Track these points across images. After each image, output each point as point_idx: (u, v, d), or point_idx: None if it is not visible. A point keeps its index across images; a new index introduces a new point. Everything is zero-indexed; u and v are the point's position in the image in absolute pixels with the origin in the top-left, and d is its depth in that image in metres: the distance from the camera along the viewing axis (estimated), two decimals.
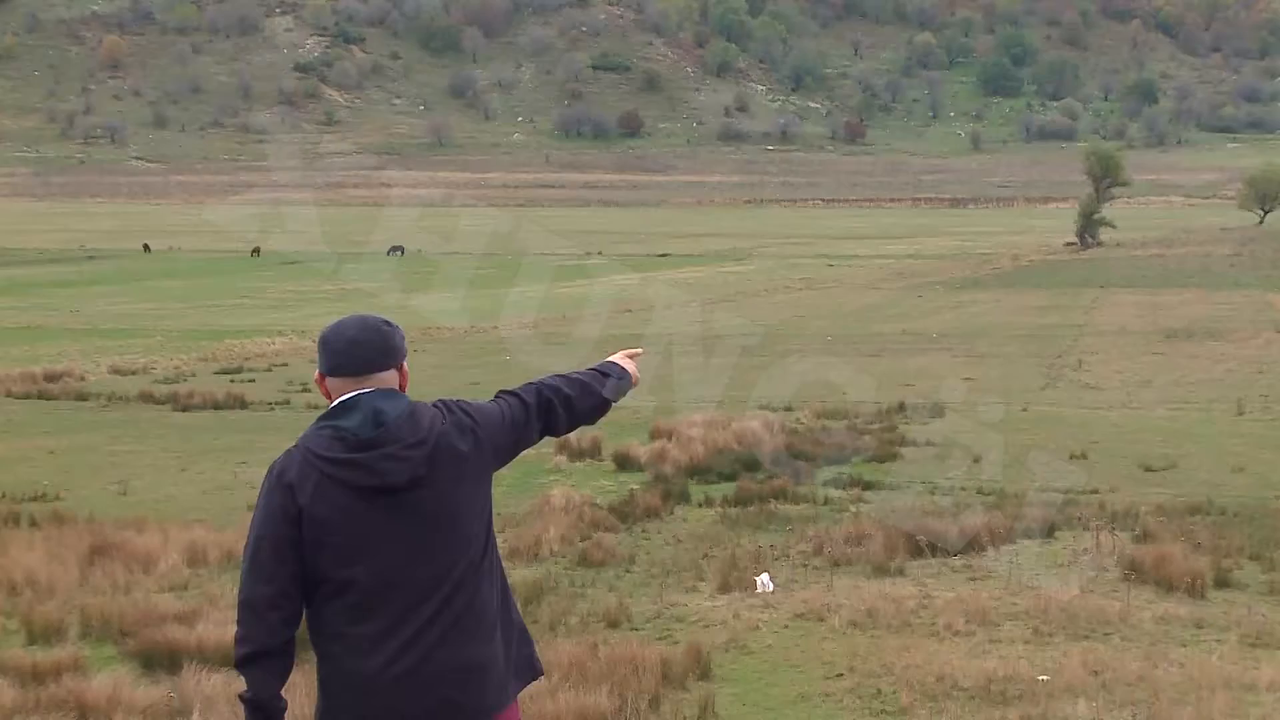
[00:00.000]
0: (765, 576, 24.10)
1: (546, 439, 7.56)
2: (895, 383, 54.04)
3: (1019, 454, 38.98)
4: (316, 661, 6.91)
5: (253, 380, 56.31)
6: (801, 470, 35.72)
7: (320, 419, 6.90)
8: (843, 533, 27.59)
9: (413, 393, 7.07)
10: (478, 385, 52.92)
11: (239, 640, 6.74)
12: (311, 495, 6.70)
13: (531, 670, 7.24)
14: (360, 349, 6.89)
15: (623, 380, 7.67)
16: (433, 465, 6.81)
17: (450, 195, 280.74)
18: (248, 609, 6.73)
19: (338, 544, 6.70)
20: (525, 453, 7.40)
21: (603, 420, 7.81)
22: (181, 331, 73.40)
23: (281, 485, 6.74)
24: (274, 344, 67.92)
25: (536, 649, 7.37)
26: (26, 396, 52.68)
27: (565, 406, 7.42)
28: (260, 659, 6.70)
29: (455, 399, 7.17)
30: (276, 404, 50.46)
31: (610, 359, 7.79)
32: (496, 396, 7.36)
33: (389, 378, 6.94)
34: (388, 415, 6.79)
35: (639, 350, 7.95)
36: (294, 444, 6.92)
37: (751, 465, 36.83)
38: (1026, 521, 28.37)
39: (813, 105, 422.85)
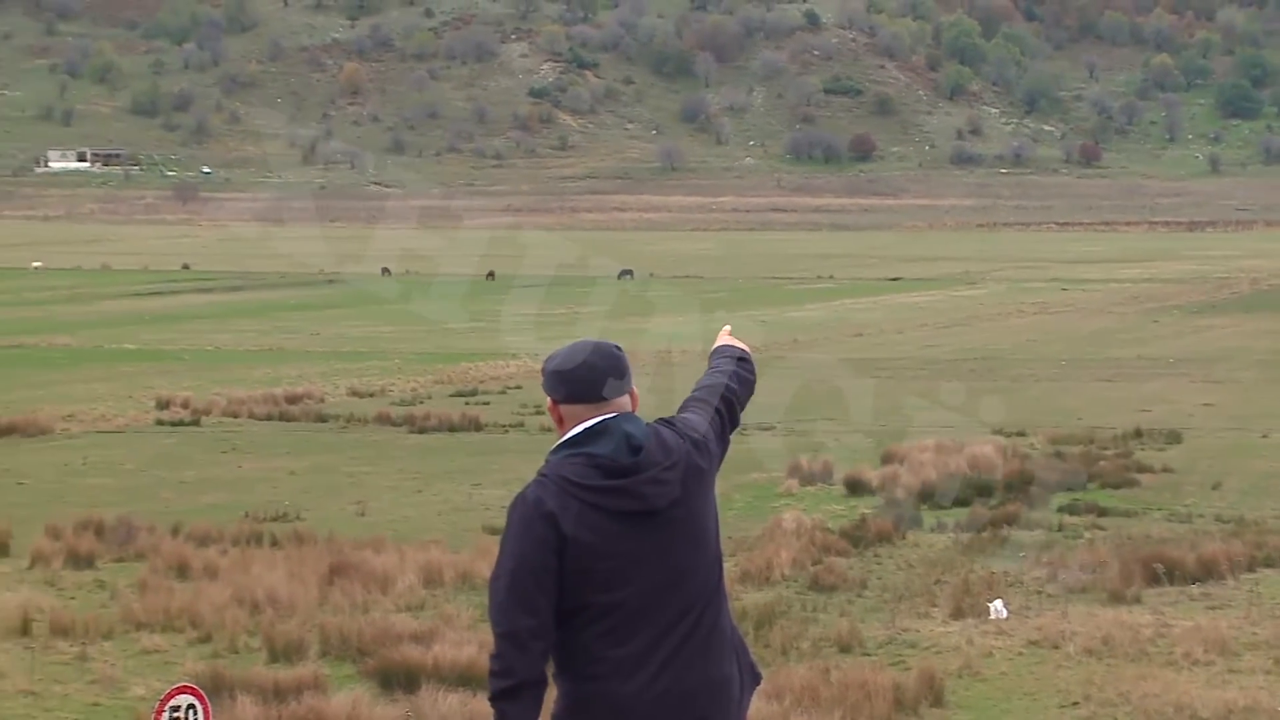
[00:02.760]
0: (999, 603, 23.91)
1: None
2: (1131, 408, 53.29)
3: (1258, 481, 38.30)
4: (565, 687, 6.90)
5: (487, 403, 56.86)
6: (1035, 496, 35.37)
7: (564, 446, 6.92)
8: (1077, 559, 27.29)
9: (642, 416, 7.15)
10: None
11: (499, 673, 6.73)
12: (575, 523, 6.70)
13: (755, 677, 7.29)
14: (599, 375, 6.93)
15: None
16: (685, 485, 6.88)
17: (681, 219, 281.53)
18: (509, 641, 6.72)
19: (603, 570, 6.71)
20: (756, 476, 7.46)
21: (834, 444, 7.84)
22: (418, 354, 74.35)
23: (541, 515, 6.73)
24: (508, 367, 68.53)
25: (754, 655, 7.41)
26: (268, 418, 53.66)
27: (739, 403, 7.49)
28: (522, 691, 6.71)
29: (668, 417, 7.23)
30: (510, 426, 50.89)
31: (721, 341, 7.83)
32: (689, 408, 7.37)
33: (624, 402, 6.99)
34: (639, 439, 6.83)
35: (728, 326, 8.03)
36: (541, 473, 6.92)
37: (984, 490, 36.55)
38: (1267, 550, 27.87)
39: (1047, 128, 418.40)
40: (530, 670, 6.71)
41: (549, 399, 7.06)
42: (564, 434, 6.98)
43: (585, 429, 6.89)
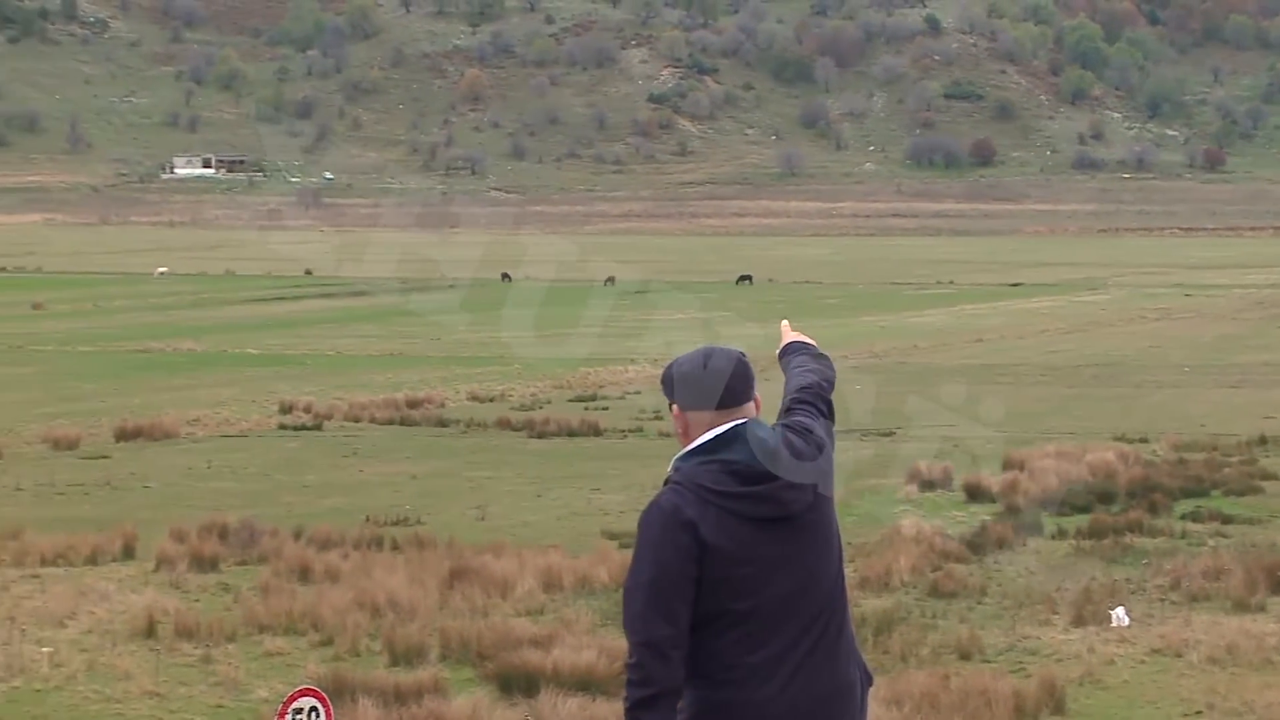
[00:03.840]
0: (1121, 610, 23.75)
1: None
2: (1256, 415, 52.72)
3: None
4: (695, 694, 6.85)
5: (606, 408, 56.97)
6: (1158, 503, 35.10)
7: (695, 453, 6.88)
8: (1201, 567, 27.06)
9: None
10: None
11: (640, 683, 6.71)
12: (714, 530, 6.68)
13: (868, 678, 7.29)
14: (731, 381, 6.93)
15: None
16: (816, 490, 6.89)
17: (800, 225, 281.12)
18: (650, 650, 6.70)
19: (740, 576, 6.71)
20: (875, 482, 7.48)
21: (953, 450, 7.83)
22: (537, 359, 74.62)
23: (680, 522, 6.71)
24: (627, 372, 68.66)
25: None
26: (389, 422, 53.99)
27: (831, 400, 7.49)
28: (660, 701, 6.70)
29: (785, 421, 7.22)
30: (629, 431, 50.98)
31: (789, 339, 7.79)
32: (795, 411, 7.33)
33: (750, 408, 6.99)
34: (772, 445, 6.84)
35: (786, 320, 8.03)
36: (674, 481, 6.88)
37: (1106, 497, 36.29)
38: None
39: (1170, 132, 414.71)
40: (670, 679, 6.69)
41: (674, 406, 7.03)
42: (690, 441, 6.96)
43: (716, 435, 6.87)
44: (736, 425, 6.88)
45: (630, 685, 6.74)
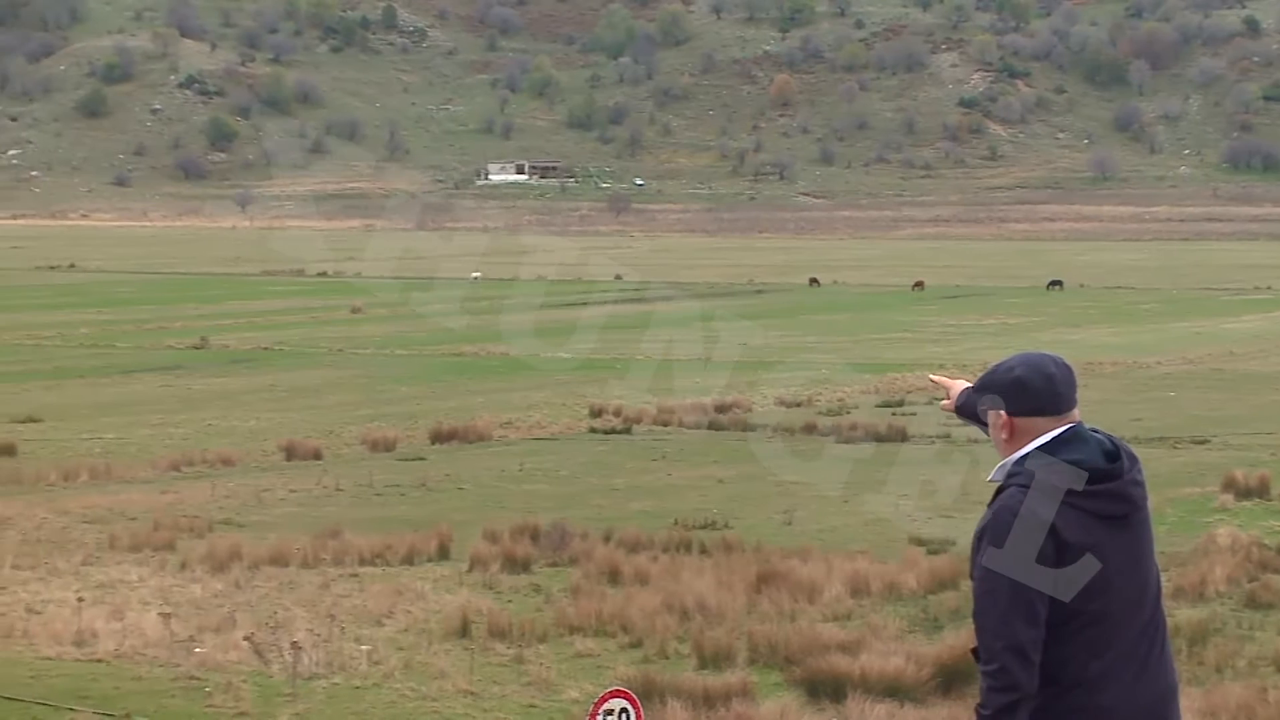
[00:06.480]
0: None
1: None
2: None
3: None
4: (1041, 699, 6.77)
5: (914, 414, 56.65)
6: None
7: (1033, 456, 6.86)
8: None
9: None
10: (1139, 421, 52.05)
11: (1002, 689, 6.65)
12: (1071, 530, 6.68)
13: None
14: (1065, 387, 6.93)
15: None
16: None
17: (1113, 229, 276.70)
18: (1015, 654, 6.65)
19: (1095, 576, 6.70)
20: (1188, 491, 7.44)
21: (1271, 459, 7.76)
22: (845, 365, 74.46)
23: (1038, 523, 6.70)
24: None
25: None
26: (697, 426, 54.31)
27: None
28: (1022, 706, 6.66)
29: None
30: (937, 437, 50.64)
31: (958, 384, 7.73)
32: None
33: (1078, 413, 6.98)
34: (1111, 444, 6.84)
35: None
36: (1020, 484, 6.84)
37: None
38: None
39: None
40: (1031, 684, 6.64)
41: (1000, 412, 7.00)
42: (1016, 446, 6.94)
43: (1054, 437, 6.85)
44: (1074, 426, 6.87)
45: (992, 692, 6.68)
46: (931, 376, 8.23)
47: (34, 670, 23.67)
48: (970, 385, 7.57)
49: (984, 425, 7.28)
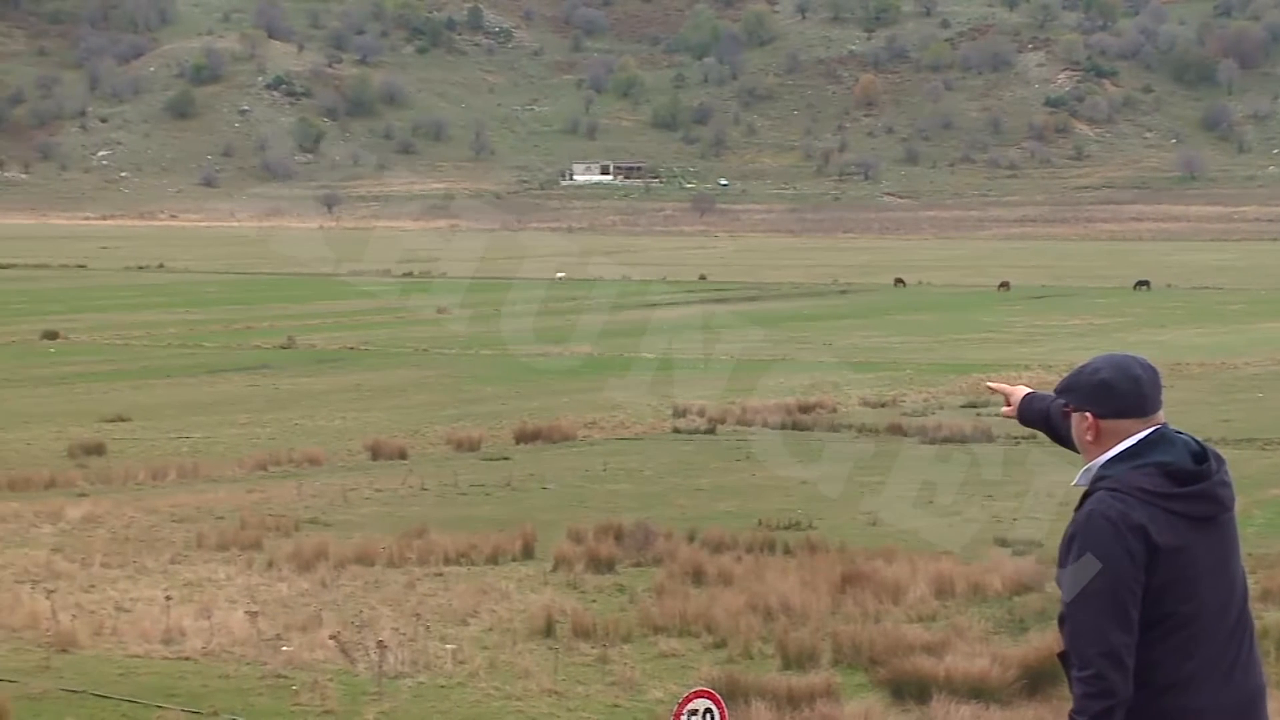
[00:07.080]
0: None
1: None
2: None
3: None
4: (1133, 703, 6.75)
5: (999, 414, 56.32)
6: None
7: (1120, 459, 6.84)
8: None
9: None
10: (1228, 422, 51.71)
11: (1099, 694, 6.65)
12: (1163, 533, 6.65)
13: None
14: (1151, 389, 6.90)
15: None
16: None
17: (1200, 229, 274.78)
18: (1111, 659, 6.65)
19: (1187, 578, 6.67)
20: (1276, 493, 7.39)
21: None
22: (930, 365, 74.21)
23: (1130, 527, 6.66)
24: (1020, 378, 67.92)
25: None
26: (781, 427, 54.25)
27: None
28: (1118, 711, 6.65)
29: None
30: (1022, 439, 50.34)
31: (1023, 390, 7.69)
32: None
33: (1163, 415, 6.96)
34: (1198, 445, 6.82)
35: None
36: (1108, 487, 6.83)
37: None
38: None
39: None
40: (1127, 689, 6.63)
41: (1087, 414, 6.97)
42: (1101, 449, 6.92)
43: (1141, 440, 6.83)
44: (1160, 428, 6.85)
45: (1088, 698, 6.65)
46: (989, 384, 8.23)
47: (123, 668, 23.90)
48: (1031, 390, 7.58)
49: (1048, 431, 7.29)
